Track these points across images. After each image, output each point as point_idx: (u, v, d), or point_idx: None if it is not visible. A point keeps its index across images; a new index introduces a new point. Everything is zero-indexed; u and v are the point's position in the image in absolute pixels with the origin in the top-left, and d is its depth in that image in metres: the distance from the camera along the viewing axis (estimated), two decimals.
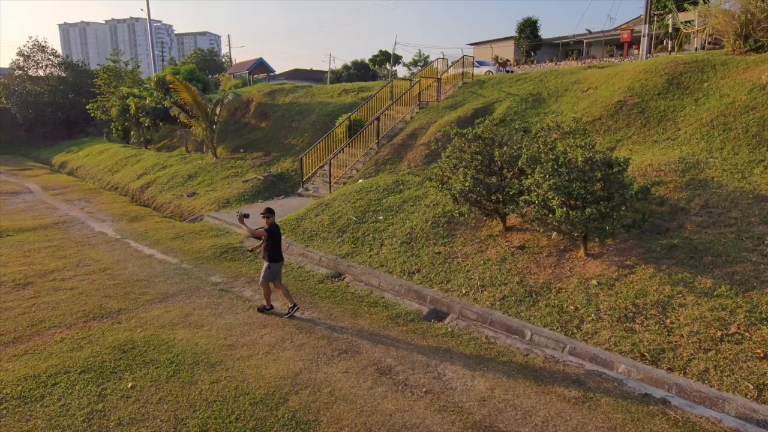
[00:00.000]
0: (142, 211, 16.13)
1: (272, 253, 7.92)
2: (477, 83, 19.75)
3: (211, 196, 16.69)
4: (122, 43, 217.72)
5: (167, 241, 12.44)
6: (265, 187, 16.94)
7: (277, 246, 7.99)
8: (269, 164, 19.20)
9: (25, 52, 39.53)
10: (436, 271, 9.40)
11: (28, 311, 8.09)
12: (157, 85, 23.28)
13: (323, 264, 10.69)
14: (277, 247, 8.00)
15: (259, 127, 23.59)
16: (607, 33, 36.95)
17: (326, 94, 23.10)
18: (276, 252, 7.96)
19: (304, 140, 19.78)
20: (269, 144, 21.32)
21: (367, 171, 15.65)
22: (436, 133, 15.58)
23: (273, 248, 7.93)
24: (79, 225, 14.35)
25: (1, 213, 16.06)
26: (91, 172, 25.15)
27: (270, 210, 8.02)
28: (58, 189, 20.65)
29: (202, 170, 19.75)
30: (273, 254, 7.93)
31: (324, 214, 12.84)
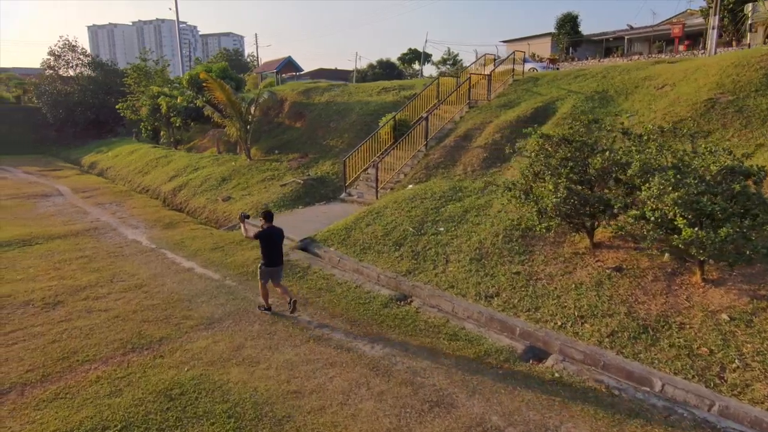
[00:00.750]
0: (176, 217, 15.18)
1: (264, 257, 7.91)
2: (529, 80, 18.33)
3: (247, 201, 15.65)
4: (148, 44, 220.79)
5: (206, 252, 11.39)
6: (305, 192, 15.83)
7: (269, 250, 7.86)
8: (307, 166, 18.10)
9: (56, 51, 39.35)
10: (519, 296, 8.10)
11: (59, 339, 7.06)
12: (189, 84, 22.44)
13: (382, 283, 9.47)
14: (270, 251, 7.87)
15: (293, 127, 22.54)
16: (657, 28, 34.98)
17: (364, 93, 21.92)
18: (267, 257, 7.87)
19: (344, 141, 18.64)
20: (305, 145, 20.24)
21: (417, 175, 14.40)
22: (493, 135, 14.25)
23: (264, 252, 7.90)
24: (111, 232, 13.43)
25: (31, 217, 15.28)
26: (121, 174, 24.46)
27: (266, 215, 7.99)
28: (89, 191, 19.92)
29: (236, 172, 18.76)
30: (264, 258, 7.91)
31: (376, 223, 11.64)
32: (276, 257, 7.94)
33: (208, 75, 19.03)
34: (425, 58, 51.78)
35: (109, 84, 39.36)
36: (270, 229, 7.90)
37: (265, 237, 7.82)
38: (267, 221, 7.93)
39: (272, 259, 7.90)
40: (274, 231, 7.95)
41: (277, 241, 7.96)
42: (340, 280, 9.59)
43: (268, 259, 7.87)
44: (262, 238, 7.82)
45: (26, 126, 40.82)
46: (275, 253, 7.93)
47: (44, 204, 17.37)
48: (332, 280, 9.57)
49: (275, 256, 7.93)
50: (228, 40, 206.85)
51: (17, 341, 7.01)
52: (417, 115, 17.63)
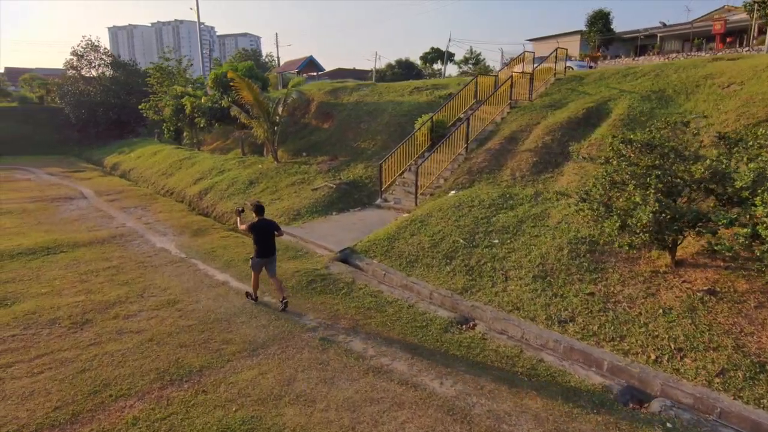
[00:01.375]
0: (204, 223, 14.48)
1: (256, 248, 8.24)
2: (573, 79, 17.31)
3: (278, 207, 14.90)
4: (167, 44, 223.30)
5: (240, 263, 10.63)
6: (339, 197, 15.02)
7: (260, 242, 8.18)
8: (338, 170, 17.30)
9: (79, 51, 39.21)
10: (598, 322, 7.17)
11: (89, 367, 6.32)
12: (215, 84, 21.82)
13: (437, 302, 8.61)
14: (261, 243, 8.19)
15: (321, 128, 21.78)
16: (694, 25, 33.53)
17: (395, 93, 21.07)
18: (259, 248, 8.20)
19: (376, 143, 17.80)
20: (335, 147, 19.45)
21: (459, 181, 13.50)
22: (543, 137, 13.28)
23: (256, 244, 8.23)
24: (138, 239, 12.76)
25: (55, 222, 14.72)
26: (145, 175, 23.95)
27: (257, 207, 8.38)
28: (112, 194, 19.38)
29: (264, 175, 18.05)
30: (256, 249, 8.23)
31: (421, 233, 10.78)
32: (267, 248, 8.25)
33: (235, 74, 18.34)
34: (448, 58, 50.72)
35: (130, 84, 39.13)
36: (261, 222, 8.29)
37: (257, 229, 8.20)
38: (258, 214, 8.33)
39: (263, 250, 8.22)
40: (265, 223, 8.32)
41: (268, 233, 8.28)
42: (390, 297, 8.75)
43: (260, 250, 8.20)
44: (255, 230, 8.19)
45: (49, 126, 40.79)
46: (267, 244, 8.25)
47: (68, 208, 16.83)
48: (381, 298, 8.73)
49: (267, 247, 8.25)
50: (244, 41, 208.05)
51: (44, 369, 6.29)
52: (454, 116, 16.74)
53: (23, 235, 13.05)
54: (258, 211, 8.36)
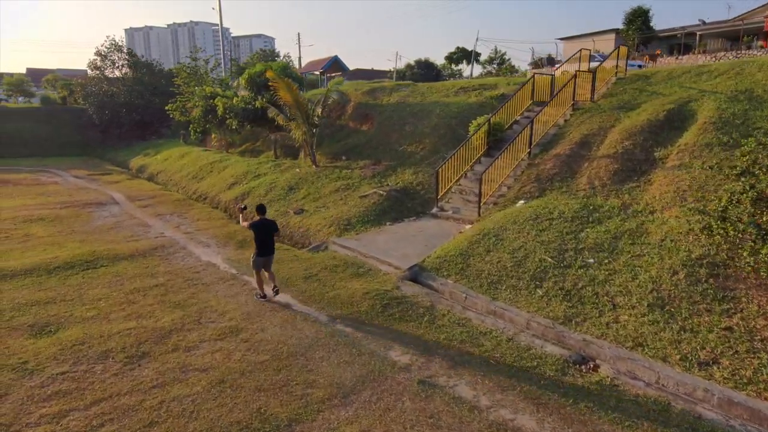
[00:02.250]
0: (248, 233, 13.47)
1: (257, 247, 8.53)
2: (637, 79, 16.09)
3: (325, 216, 13.88)
4: (182, 45, 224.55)
5: (299, 281, 9.61)
6: (390, 205, 13.96)
7: (260, 241, 8.47)
8: (383, 175, 16.24)
9: (103, 51, 38.70)
10: (750, 366, 6.02)
11: (157, 419, 5.33)
12: (248, 84, 20.90)
13: (536, 332, 7.50)
14: (262, 242, 8.49)
15: (359, 130, 20.76)
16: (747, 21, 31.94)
17: (439, 93, 19.97)
18: (259, 247, 8.51)
19: (425, 147, 16.71)
20: (376, 151, 18.41)
21: (526, 189, 12.37)
22: (622, 142, 12.08)
23: (257, 243, 8.51)
24: (181, 251, 11.82)
25: (90, 230, 13.86)
26: (174, 179, 23.13)
27: (259, 208, 8.74)
28: (145, 199, 18.53)
29: (304, 181, 17.06)
30: (257, 248, 8.53)
31: (499, 250, 9.67)
32: (268, 247, 8.59)
33: (274, 73, 17.38)
34: (475, 57, 49.45)
35: (154, 84, 38.52)
36: (263, 221, 8.57)
37: (258, 228, 8.48)
38: (260, 213, 8.63)
39: (264, 249, 8.54)
40: (266, 222, 8.62)
41: (269, 232, 8.59)
42: (481, 327, 7.66)
43: (261, 249, 8.51)
44: (255, 229, 8.47)
45: (72, 127, 40.37)
46: (267, 243, 8.56)
47: (101, 215, 15.98)
48: (471, 328, 7.64)
49: (267, 246, 8.57)
50: (259, 42, 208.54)
51: (104, 421, 5.31)
52: (510, 118, 15.61)
53: (59, 245, 12.19)
54: (260, 210, 8.69)
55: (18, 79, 47.91)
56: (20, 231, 13.72)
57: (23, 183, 22.80)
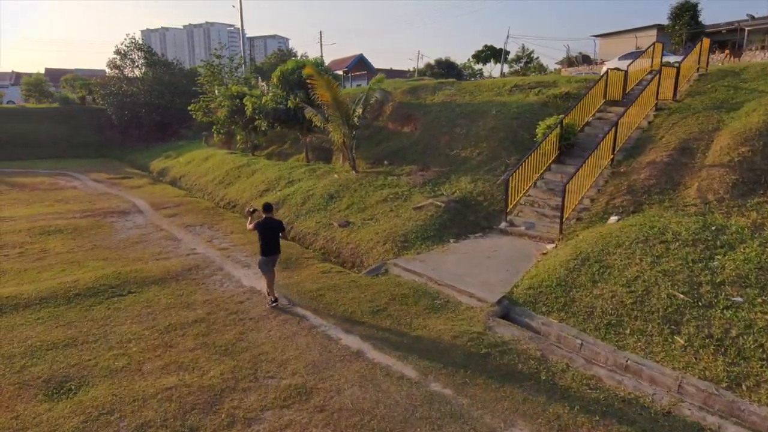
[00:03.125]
0: (290, 249, 11.87)
1: (261, 247, 8.30)
2: (725, 75, 14.26)
3: (376, 230, 12.22)
4: (198, 46, 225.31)
5: (367, 317, 7.96)
6: (450, 219, 12.26)
7: (265, 241, 8.23)
8: (435, 183, 14.54)
9: (123, 50, 37.50)
10: None
11: None
12: (280, 82, 19.33)
13: (694, 400, 5.75)
14: (266, 242, 8.24)
15: (400, 132, 19.08)
16: None
17: (491, 92, 18.20)
18: (263, 246, 8.27)
19: (482, 152, 14.96)
20: (423, 155, 16.71)
21: (617, 203, 10.60)
22: (737, 148, 10.25)
23: (261, 243, 8.27)
24: (218, 274, 10.24)
25: (113, 245, 12.35)
26: (199, 184, 21.65)
27: (265, 206, 8.47)
28: (170, 207, 17.03)
29: (345, 188, 15.43)
30: (261, 247, 8.31)
31: (608, 281, 7.92)
32: (272, 247, 8.35)
33: (314, 70, 15.75)
34: (505, 56, 47.44)
35: (175, 84, 37.24)
36: (267, 221, 8.32)
37: (263, 227, 8.25)
38: (266, 212, 8.41)
39: (268, 248, 8.29)
40: (271, 222, 8.37)
41: (273, 232, 8.36)
42: (621, 391, 5.92)
43: (265, 248, 8.27)
44: (260, 228, 8.24)
45: (90, 127, 39.23)
46: (271, 242, 8.32)
47: (124, 225, 14.49)
48: (608, 393, 5.90)
49: (271, 245, 8.33)
50: (273, 42, 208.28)
51: None
52: (581, 119, 13.83)
53: (78, 264, 10.68)
54: (266, 209, 8.45)
55: (36, 79, 47.03)
56: (36, 245, 12.26)
57: (40, 187, 21.50)
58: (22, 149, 34.55)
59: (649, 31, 37.58)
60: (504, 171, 13.60)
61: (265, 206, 8.49)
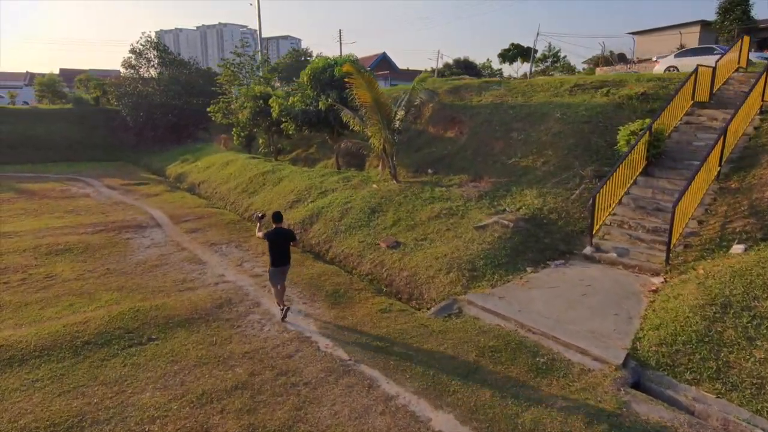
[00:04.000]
0: (337, 278, 10.10)
1: (270, 257, 8.03)
2: None
3: (433, 254, 10.42)
4: (211, 47, 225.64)
5: (456, 382, 6.15)
6: (522, 241, 10.41)
7: (274, 251, 7.98)
8: (493, 197, 12.72)
9: (138, 49, 36.09)
10: None
11: None
12: (311, 81, 17.62)
13: None
14: (276, 252, 7.98)
15: (443, 137, 17.27)
16: None
17: (547, 92, 16.31)
18: (273, 257, 8.01)
19: (548, 161, 13.09)
20: (473, 163, 14.90)
21: (736, 227, 8.71)
22: None
23: (271, 253, 8.01)
24: (256, 310, 8.51)
25: (129, 269, 10.68)
26: (220, 192, 20.00)
27: (275, 216, 8.19)
28: (191, 220, 15.37)
29: (388, 200, 13.66)
30: (271, 259, 8.03)
31: None
32: (282, 257, 8.04)
33: (354, 67, 13.99)
34: (533, 55, 45.32)
35: (192, 84, 35.73)
36: (277, 230, 8.06)
37: (273, 237, 7.96)
38: (276, 222, 8.12)
39: (278, 259, 7.99)
40: (281, 232, 8.08)
41: (283, 242, 8.05)
42: None
43: (274, 259, 7.99)
44: (270, 238, 7.96)
45: (104, 129, 37.88)
46: (282, 253, 8.03)
47: (141, 243, 12.84)
48: None
49: (282, 256, 8.04)
50: (286, 43, 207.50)
51: None
52: (669, 124, 11.90)
53: (89, 297, 9.01)
54: (276, 218, 8.18)
55: (50, 79, 45.88)
56: (42, 269, 10.63)
57: (50, 195, 19.99)
58: (34, 151, 33.24)
59: (691, 27, 35.38)
60: (579, 184, 11.73)
61: (275, 215, 8.21)
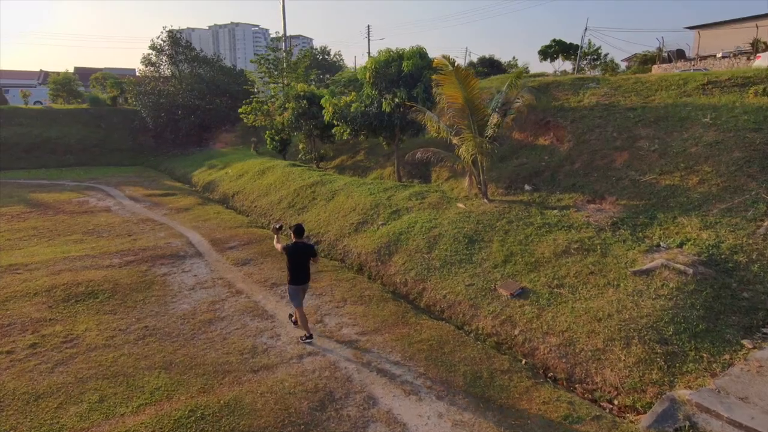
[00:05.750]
0: (470, 353, 7.22)
1: (289, 273, 7.49)
2: None
3: (587, 310, 7.60)
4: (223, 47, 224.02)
5: None
6: (714, 297, 7.52)
7: (294, 268, 7.44)
8: (633, 225, 9.84)
9: (159, 45, 33.57)
10: None
11: None
12: (373, 78, 14.83)
13: None
14: (295, 269, 7.45)
15: (533, 145, 14.43)
16: None
17: (669, 91, 13.33)
18: (292, 273, 7.47)
19: (705, 179, 10.12)
20: (586, 179, 12.04)
21: None
22: None
23: (289, 269, 7.48)
24: (375, 415, 5.72)
25: (175, 330, 7.94)
26: (260, 206, 17.29)
27: (297, 229, 7.58)
28: (237, 246, 12.65)
29: (486, 226, 10.88)
30: (290, 275, 7.49)
31: None
32: (302, 274, 7.51)
33: (444, 61, 11.16)
34: (580, 52, 42.20)
35: (216, 83, 33.14)
36: (298, 245, 7.51)
37: (292, 251, 7.44)
38: (297, 236, 7.55)
39: (297, 276, 7.47)
40: (300, 246, 7.52)
41: (304, 258, 7.51)
42: None
43: (293, 276, 7.46)
44: (289, 253, 7.44)
45: (122, 131, 35.45)
46: (301, 270, 7.50)
47: (182, 281, 10.11)
48: None
49: (301, 273, 7.51)
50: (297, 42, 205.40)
51: None
52: None
53: (126, 383, 6.30)
54: (297, 232, 7.56)
55: (65, 77, 43.60)
56: (58, 327, 7.94)
57: (67, 209, 17.41)
58: (49, 155, 30.90)
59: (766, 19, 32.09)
60: (766, 213, 8.80)
61: (297, 229, 7.60)
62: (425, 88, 14.61)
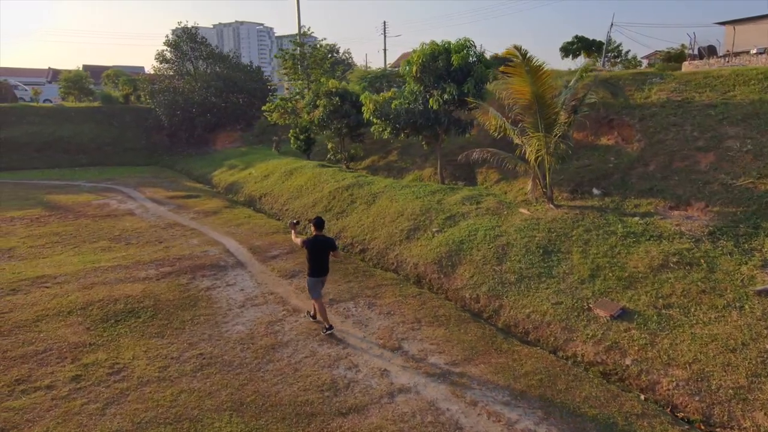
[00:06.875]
0: (592, 391, 6.18)
1: (309, 266, 7.64)
2: None
3: (711, 337, 6.58)
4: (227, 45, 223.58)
5: None
6: None
7: (314, 261, 7.55)
8: (735, 235, 8.78)
9: (173, 40, 32.56)
10: None
11: None
12: (421, 73, 13.73)
13: None
14: (315, 261, 7.56)
15: (595, 144, 13.37)
16: None
17: (748, 86, 12.23)
18: (312, 267, 7.59)
19: None
20: (664, 182, 10.98)
21: None
22: None
23: (309, 262, 7.62)
24: None
25: (235, 358, 6.92)
26: (292, 210, 16.25)
27: (317, 222, 7.65)
28: (280, 254, 11.62)
29: (559, 235, 9.84)
30: (309, 268, 7.64)
31: None
32: (321, 267, 7.62)
33: (516, 51, 10.09)
34: (606, 48, 41.00)
35: (234, 80, 32.13)
36: (317, 238, 7.58)
37: (312, 245, 7.53)
38: (317, 229, 7.62)
39: (316, 269, 7.58)
40: (320, 240, 7.60)
41: (323, 251, 7.59)
42: None
43: (313, 268, 7.58)
44: (309, 246, 7.53)
45: (135, 129, 34.49)
46: (321, 263, 7.59)
47: (230, 299, 9.08)
48: None
49: (321, 266, 7.61)
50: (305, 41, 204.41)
51: None
52: None
53: (195, 428, 5.26)
54: (317, 225, 7.63)
55: (77, 74, 42.62)
56: (101, 354, 6.92)
57: (87, 212, 16.43)
58: (62, 155, 30.03)
59: None
60: None
61: (317, 222, 7.60)
62: (475, 83, 13.56)
